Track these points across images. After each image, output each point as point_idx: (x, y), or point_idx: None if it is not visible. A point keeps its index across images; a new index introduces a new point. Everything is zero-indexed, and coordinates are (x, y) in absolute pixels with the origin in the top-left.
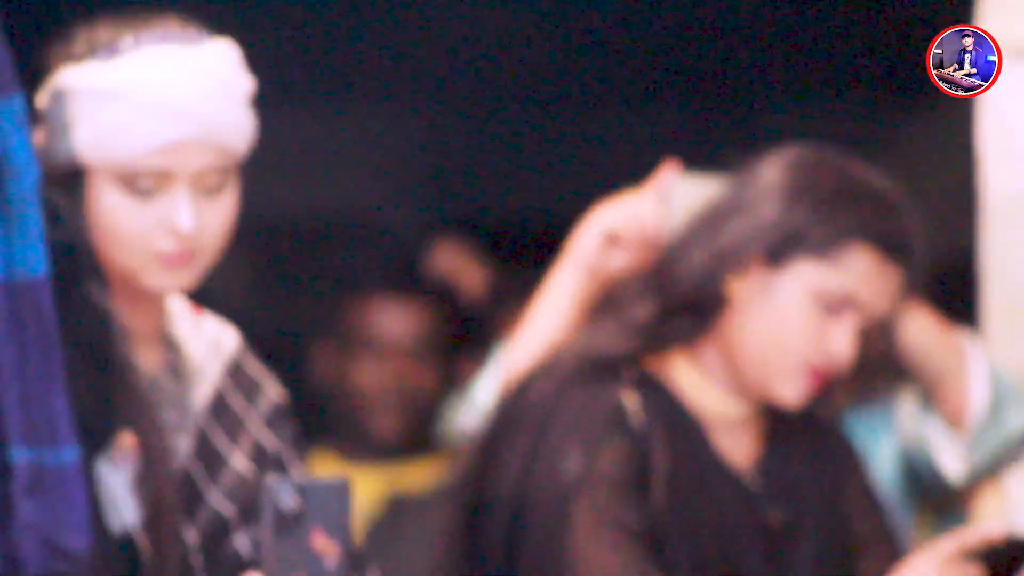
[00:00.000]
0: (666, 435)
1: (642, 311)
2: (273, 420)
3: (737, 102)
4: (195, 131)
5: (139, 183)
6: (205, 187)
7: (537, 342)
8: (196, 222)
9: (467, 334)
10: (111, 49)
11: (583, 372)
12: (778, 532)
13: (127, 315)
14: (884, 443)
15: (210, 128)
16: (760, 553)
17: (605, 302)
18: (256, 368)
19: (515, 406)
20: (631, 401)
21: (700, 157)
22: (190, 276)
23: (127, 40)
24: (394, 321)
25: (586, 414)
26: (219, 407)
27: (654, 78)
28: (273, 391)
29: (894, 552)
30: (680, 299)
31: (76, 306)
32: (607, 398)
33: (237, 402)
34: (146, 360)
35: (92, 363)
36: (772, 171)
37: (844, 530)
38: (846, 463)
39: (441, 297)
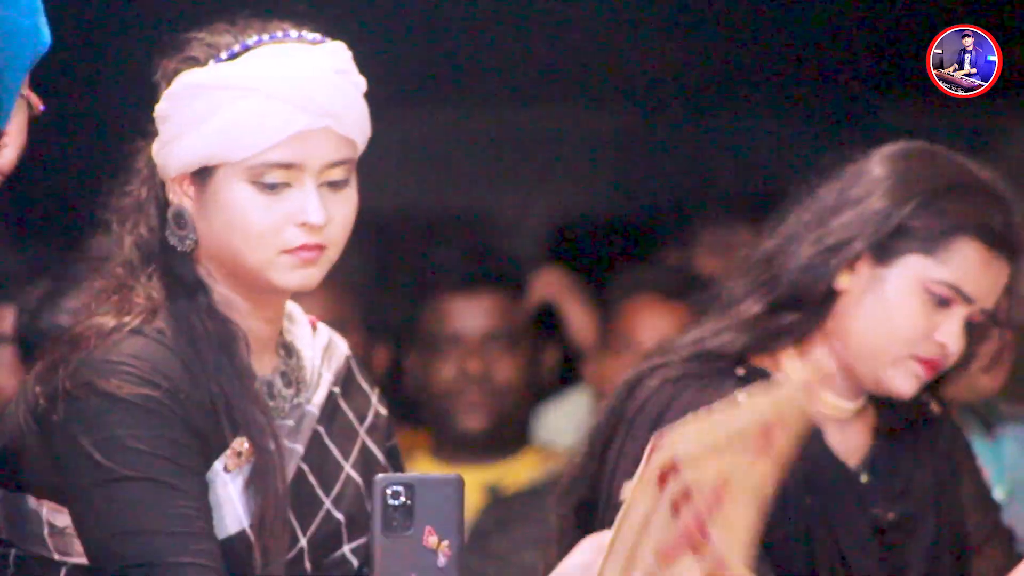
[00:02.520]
0: None
1: (752, 308)
2: (378, 430)
3: (858, 103)
4: (321, 121)
5: (267, 177)
6: (331, 181)
7: None
8: (325, 215)
9: (563, 360)
10: (233, 50)
11: (695, 370)
12: (891, 527)
13: (248, 320)
14: None
15: (335, 116)
16: (873, 548)
17: (714, 299)
18: (364, 377)
19: (626, 405)
20: (743, 399)
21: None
22: (317, 273)
23: (249, 40)
24: (474, 316)
25: (699, 412)
26: (332, 413)
27: (778, 83)
28: (378, 401)
29: (1008, 551)
30: (790, 294)
31: (199, 312)
32: (720, 396)
33: (348, 409)
34: (263, 365)
35: (211, 369)
36: (879, 166)
37: (958, 526)
38: (959, 458)
39: (541, 322)
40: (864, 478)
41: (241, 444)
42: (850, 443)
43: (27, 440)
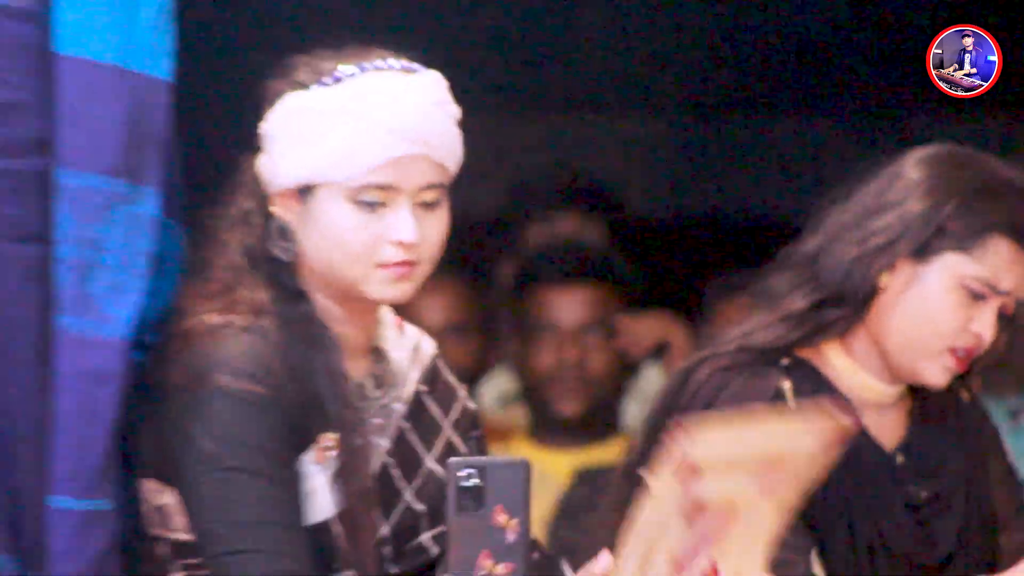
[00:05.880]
0: None
1: (797, 303)
2: (464, 424)
3: (891, 110)
4: (418, 147)
5: (366, 197)
6: (424, 202)
7: None
8: (418, 234)
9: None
10: (337, 76)
11: (743, 360)
12: (924, 506)
13: (344, 327)
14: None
15: (430, 145)
16: (907, 525)
17: (761, 296)
18: (450, 374)
19: (679, 392)
20: (788, 387)
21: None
22: (410, 287)
23: (351, 67)
24: (571, 308)
25: (748, 398)
26: (417, 411)
27: (818, 91)
28: (465, 397)
29: None
30: (834, 292)
31: (300, 317)
32: (766, 384)
33: (433, 406)
34: (355, 367)
35: (307, 370)
36: (915, 169)
37: (986, 505)
38: (987, 442)
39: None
40: (900, 459)
41: (329, 439)
42: (887, 427)
43: (137, 425)
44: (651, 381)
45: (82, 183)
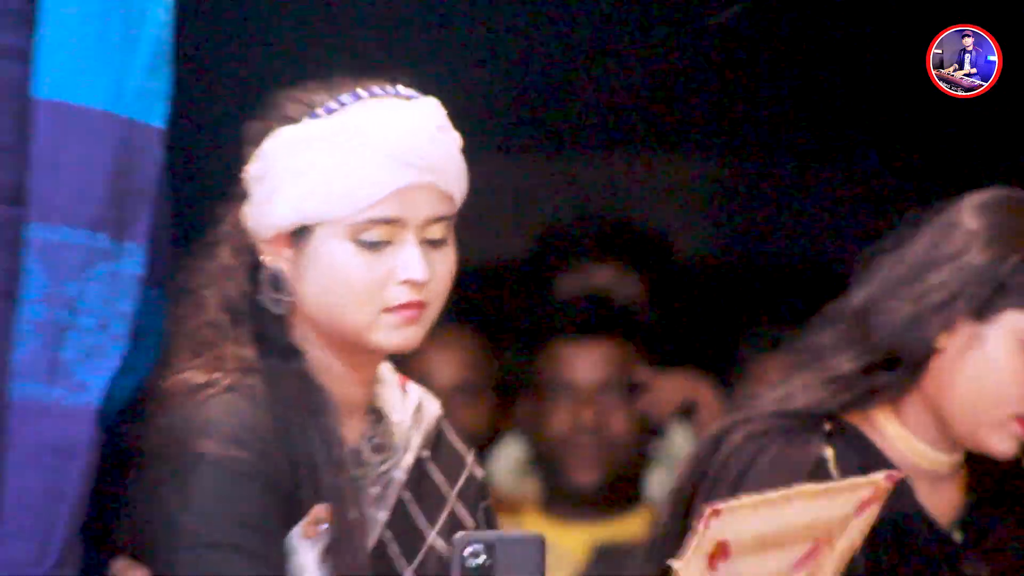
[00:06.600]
0: None
1: (844, 365)
2: (471, 494)
3: (934, 158)
4: (424, 176)
5: (369, 235)
6: (431, 239)
7: None
8: (427, 271)
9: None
10: (330, 106)
11: (781, 426)
12: None
13: (339, 386)
14: None
15: (436, 172)
16: None
17: (803, 355)
18: (457, 439)
19: (710, 461)
20: (831, 455)
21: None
22: (418, 332)
23: (346, 97)
24: (589, 365)
25: (786, 467)
26: (419, 479)
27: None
28: (472, 463)
29: None
30: (887, 354)
31: (290, 375)
32: (808, 451)
33: (437, 474)
34: (351, 430)
35: (298, 434)
36: (973, 218)
37: None
38: None
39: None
40: (957, 536)
41: (321, 511)
42: (942, 501)
43: (108, 497)
44: (677, 447)
45: (58, 237)
